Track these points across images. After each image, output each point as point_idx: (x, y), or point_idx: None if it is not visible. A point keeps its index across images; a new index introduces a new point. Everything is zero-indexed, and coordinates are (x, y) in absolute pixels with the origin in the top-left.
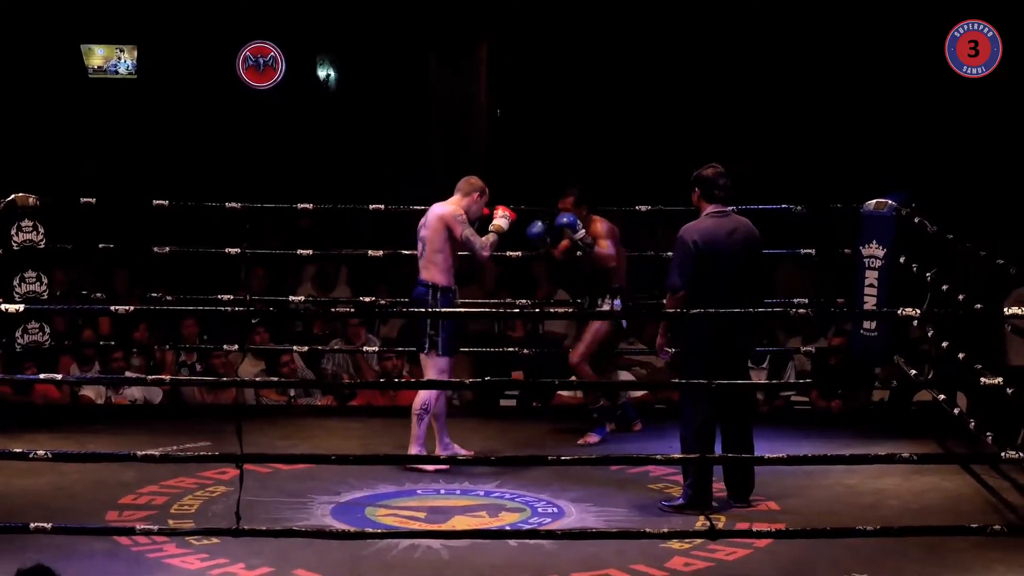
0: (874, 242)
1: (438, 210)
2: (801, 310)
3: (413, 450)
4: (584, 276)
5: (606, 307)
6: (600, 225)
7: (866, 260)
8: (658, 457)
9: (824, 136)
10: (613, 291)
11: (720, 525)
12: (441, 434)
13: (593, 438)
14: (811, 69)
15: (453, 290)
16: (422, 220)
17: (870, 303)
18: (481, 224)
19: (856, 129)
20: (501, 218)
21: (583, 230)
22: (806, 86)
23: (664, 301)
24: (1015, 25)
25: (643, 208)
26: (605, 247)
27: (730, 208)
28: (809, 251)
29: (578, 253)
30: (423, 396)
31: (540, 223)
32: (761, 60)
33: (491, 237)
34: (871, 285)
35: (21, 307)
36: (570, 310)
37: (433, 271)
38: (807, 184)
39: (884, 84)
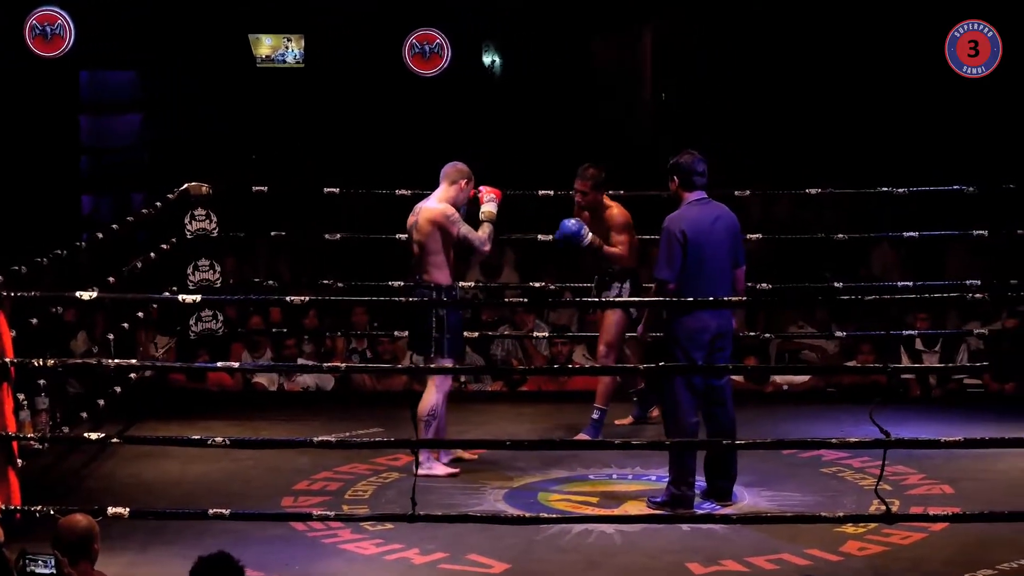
0: None
1: (427, 212)
2: (977, 293)
3: (422, 459)
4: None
5: (614, 292)
6: (615, 211)
7: None
8: (832, 441)
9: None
10: (619, 275)
11: (895, 509)
12: (441, 435)
13: (584, 438)
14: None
15: (455, 288)
16: (411, 219)
17: None
18: (470, 209)
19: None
20: (489, 202)
21: (588, 235)
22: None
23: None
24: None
25: (813, 191)
26: (617, 243)
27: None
28: (982, 232)
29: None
30: (431, 401)
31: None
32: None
33: (487, 228)
34: None
35: (199, 297)
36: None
37: (433, 272)
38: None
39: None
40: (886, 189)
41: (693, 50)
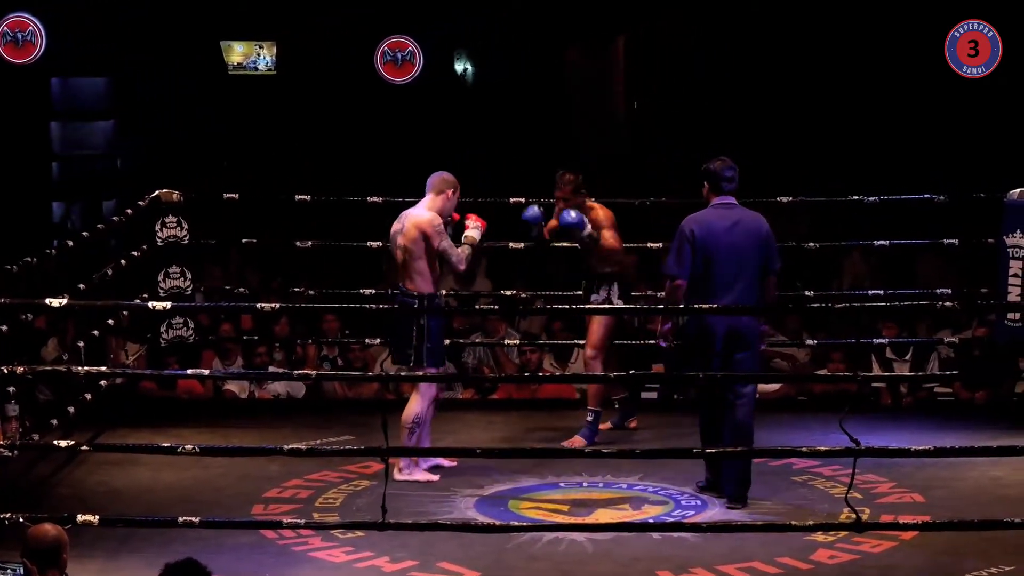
0: (1018, 231)
1: (414, 218)
2: (947, 302)
3: (402, 464)
4: (581, 264)
5: (603, 295)
6: (601, 213)
7: (1010, 250)
8: (803, 449)
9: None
10: (607, 279)
11: (865, 517)
12: (423, 443)
13: (580, 441)
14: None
15: (438, 296)
16: (397, 226)
17: (1014, 293)
18: (454, 233)
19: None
20: (473, 229)
21: (588, 227)
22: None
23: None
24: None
25: (784, 199)
26: (610, 237)
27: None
28: (952, 241)
29: (585, 246)
30: (415, 409)
31: (536, 208)
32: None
33: (466, 250)
34: (1015, 275)
35: (169, 304)
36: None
37: (417, 280)
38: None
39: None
40: (857, 198)
41: (668, 59)
